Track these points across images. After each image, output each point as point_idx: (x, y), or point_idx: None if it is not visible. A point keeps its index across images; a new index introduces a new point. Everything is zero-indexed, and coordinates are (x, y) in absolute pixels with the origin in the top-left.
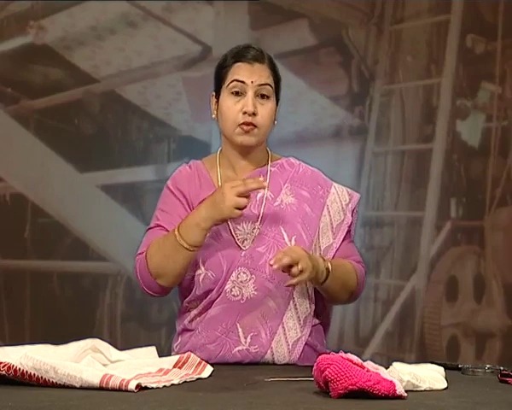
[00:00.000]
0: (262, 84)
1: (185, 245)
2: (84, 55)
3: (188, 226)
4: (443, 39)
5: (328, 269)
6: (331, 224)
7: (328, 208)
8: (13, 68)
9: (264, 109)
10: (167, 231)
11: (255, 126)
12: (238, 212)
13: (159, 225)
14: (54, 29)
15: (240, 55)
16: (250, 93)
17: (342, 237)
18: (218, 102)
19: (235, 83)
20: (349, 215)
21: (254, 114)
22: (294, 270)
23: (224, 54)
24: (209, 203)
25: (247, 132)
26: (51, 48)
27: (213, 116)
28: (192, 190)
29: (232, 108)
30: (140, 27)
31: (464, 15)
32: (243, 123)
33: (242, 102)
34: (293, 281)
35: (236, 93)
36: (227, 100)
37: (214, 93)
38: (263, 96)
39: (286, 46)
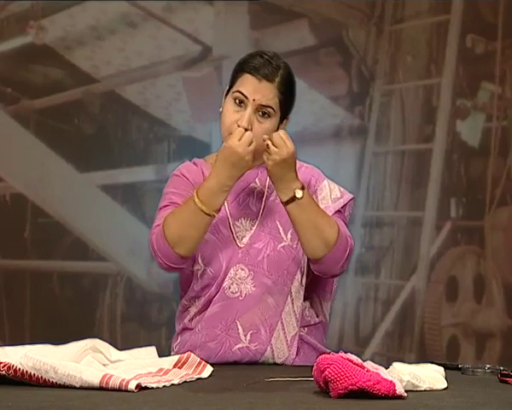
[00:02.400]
0: (263, 105)
1: (206, 210)
2: (84, 55)
3: (208, 191)
4: (443, 39)
5: (295, 192)
6: None
7: (316, 194)
8: (13, 68)
9: (260, 128)
10: None
11: None
12: (251, 156)
13: (173, 203)
14: (54, 29)
15: (254, 67)
16: (249, 109)
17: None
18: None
19: (238, 94)
20: (335, 206)
21: (247, 130)
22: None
23: (249, 55)
24: (227, 165)
25: None
26: (51, 48)
27: (220, 109)
28: (197, 182)
29: (230, 116)
30: (140, 27)
31: (464, 15)
32: None
33: (240, 114)
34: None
35: (239, 102)
36: (228, 105)
37: (227, 88)
38: (263, 114)
39: (286, 46)
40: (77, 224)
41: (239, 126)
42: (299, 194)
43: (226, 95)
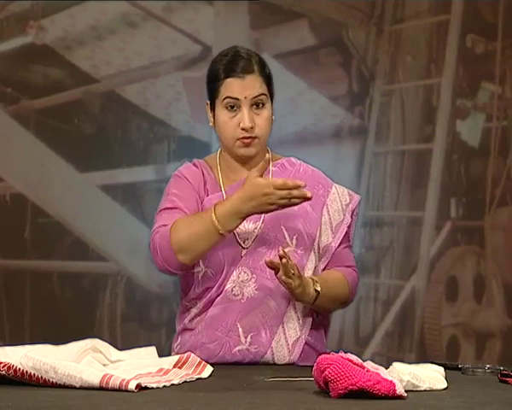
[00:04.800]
0: (255, 97)
1: (221, 230)
2: (84, 55)
3: (226, 213)
4: (443, 39)
5: (316, 290)
6: (330, 223)
7: (327, 207)
8: (13, 68)
9: (261, 119)
10: (186, 213)
11: (255, 138)
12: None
13: (176, 207)
14: (54, 29)
15: (230, 69)
16: (245, 108)
17: (341, 237)
18: (213, 111)
19: (228, 100)
20: (348, 216)
21: (252, 128)
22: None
23: (214, 63)
24: (252, 200)
25: (247, 145)
26: (51, 48)
27: (210, 124)
28: (198, 185)
29: (229, 123)
30: (140, 27)
31: (464, 15)
32: (243, 138)
33: (239, 117)
34: (282, 277)
35: (231, 107)
36: (223, 114)
37: (209, 102)
38: (258, 106)
39: (286, 46)
40: (77, 224)
41: (243, 129)
42: (319, 288)
43: (211, 108)
